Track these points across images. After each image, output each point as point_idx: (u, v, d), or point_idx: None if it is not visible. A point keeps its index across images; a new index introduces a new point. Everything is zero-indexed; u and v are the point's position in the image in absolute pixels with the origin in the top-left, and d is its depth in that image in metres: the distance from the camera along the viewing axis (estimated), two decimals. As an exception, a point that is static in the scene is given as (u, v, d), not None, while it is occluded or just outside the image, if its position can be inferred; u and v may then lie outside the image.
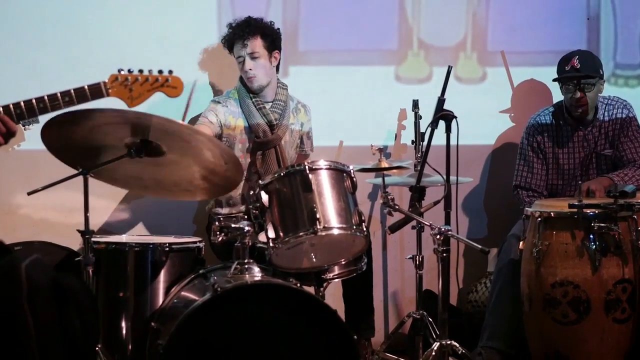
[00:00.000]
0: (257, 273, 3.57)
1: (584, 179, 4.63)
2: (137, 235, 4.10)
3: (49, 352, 2.96)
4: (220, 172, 3.59)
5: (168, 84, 3.24)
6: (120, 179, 3.57)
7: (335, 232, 3.63)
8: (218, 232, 3.66)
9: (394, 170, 4.28)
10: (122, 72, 3.19)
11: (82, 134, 3.34)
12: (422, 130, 4.49)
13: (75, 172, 3.45)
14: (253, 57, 4.39)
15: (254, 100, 4.41)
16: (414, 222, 4.03)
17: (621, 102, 4.74)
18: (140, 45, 4.60)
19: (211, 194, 3.93)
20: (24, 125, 3.78)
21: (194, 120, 4.55)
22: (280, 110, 4.47)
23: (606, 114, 4.73)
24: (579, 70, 4.55)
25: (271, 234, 3.63)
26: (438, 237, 3.83)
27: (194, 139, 3.45)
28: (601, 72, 4.63)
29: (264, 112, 4.41)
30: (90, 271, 3.42)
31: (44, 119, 3.24)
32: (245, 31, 4.40)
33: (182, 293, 3.66)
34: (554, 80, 4.68)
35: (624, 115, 4.71)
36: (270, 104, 4.47)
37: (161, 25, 4.67)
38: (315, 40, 4.84)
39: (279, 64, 4.50)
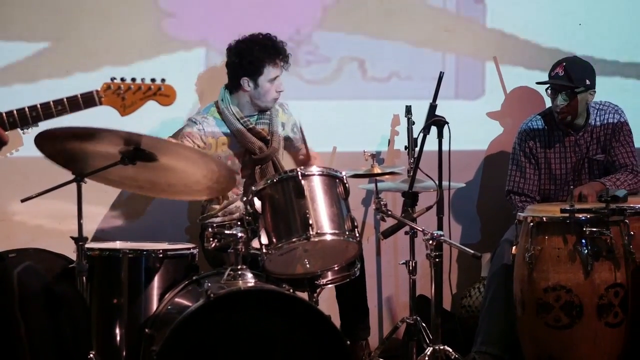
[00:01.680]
0: (250, 279, 3.58)
1: (576, 184, 4.64)
2: (131, 241, 4.09)
3: (41, 359, 2.97)
4: (214, 178, 3.60)
5: (161, 93, 3.25)
6: (114, 179, 3.57)
7: (328, 237, 3.64)
8: (211, 239, 3.67)
9: (387, 176, 4.29)
10: (115, 81, 3.19)
11: (75, 143, 3.36)
12: (415, 135, 4.52)
13: (69, 179, 3.45)
14: (279, 76, 4.41)
15: (242, 121, 4.38)
16: (406, 228, 4.04)
17: (613, 107, 4.76)
18: (135, 53, 4.61)
19: (206, 194, 3.94)
20: (22, 129, 3.78)
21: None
22: (268, 120, 4.46)
23: (598, 119, 4.74)
24: (563, 77, 4.57)
25: (264, 240, 3.63)
26: (430, 242, 3.85)
27: (185, 154, 3.49)
28: (588, 83, 4.62)
29: (255, 131, 4.39)
30: (84, 278, 3.43)
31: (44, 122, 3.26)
32: (284, 50, 4.38)
33: (176, 299, 3.67)
34: (537, 83, 4.71)
35: (615, 120, 4.73)
36: (256, 116, 4.46)
37: (156, 33, 4.67)
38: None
39: None
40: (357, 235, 3.72)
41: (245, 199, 3.72)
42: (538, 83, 4.71)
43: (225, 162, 4.37)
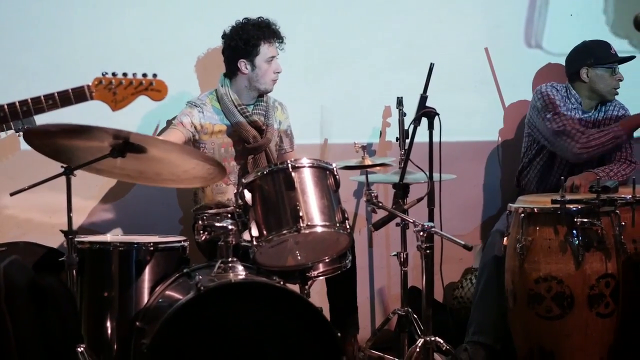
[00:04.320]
0: (240, 272, 3.58)
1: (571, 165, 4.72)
2: (122, 234, 4.09)
3: (27, 353, 2.96)
4: (203, 170, 3.61)
5: (152, 88, 3.25)
6: (102, 169, 3.57)
7: (319, 229, 3.64)
8: (202, 231, 3.66)
9: (378, 168, 4.29)
10: (106, 76, 3.20)
11: (65, 139, 3.36)
12: (407, 127, 4.51)
13: (58, 172, 3.45)
14: (276, 58, 4.43)
15: (239, 108, 4.40)
16: (398, 220, 4.04)
17: (619, 104, 4.85)
18: (127, 47, 4.59)
19: (194, 183, 3.94)
20: (16, 131, 3.77)
21: (168, 124, 4.54)
22: (264, 111, 4.47)
23: (603, 108, 4.83)
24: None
25: (255, 232, 3.64)
26: (421, 234, 3.83)
27: (174, 149, 3.48)
28: None
29: (250, 119, 4.40)
30: (74, 271, 3.43)
31: (40, 120, 3.25)
32: (279, 32, 4.42)
33: (167, 292, 3.67)
34: (609, 63, 4.73)
35: (619, 114, 4.81)
36: (252, 106, 4.47)
37: (148, 26, 4.66)
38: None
39: None
40: (348, 227, 3.72)
41: (235, 191, 3.72)
42: (609, 63, 4.74)
43: (219, 149, 4.40)
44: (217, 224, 3.62)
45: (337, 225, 3.68)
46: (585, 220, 3.90)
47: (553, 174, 4.77)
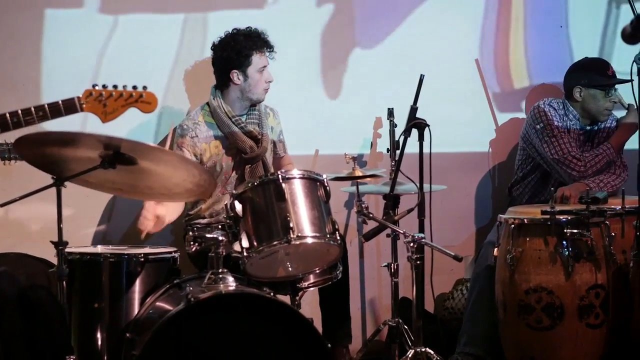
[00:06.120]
0: (231, 283, 3.58)
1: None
2: (112, 245, 4.08)
3: (15, 363, 2.97)
4: (194, 181, 3.60)
5: (142, 100, 3.25)
6: (93, 182, 3.57)
7: (309, 241, 3.64)
8: (192, 242, 3.67)
9: (369, 179, 4.30)
10: (97, 88, 3.20)
11: (55, 148, 3.35)
12: (397, 138, 4.52)
13: (49, 183, 3.44)
14: (267, 67, 4.43)
15: (233, 120, 4.40)
16: (388, 230, 4.05)
17: (613, 116, 4.85)
18: (117, 59, 4.59)
19: (186, 197, 3.94)
20: (2, 159, 3.76)
21: (162, 144, 4.54)
22: (257, 120, 4.47)
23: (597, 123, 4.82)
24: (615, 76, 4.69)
25: (245, 243, 3.63)
26: (411, 245, 3.85)
27: (165, 158, 3.48)
28: None
29: (246, 129, 4.39)
30: (65, 282, 3.42)
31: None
32: (269, 41, 4.41)
33: (157, 303, 3.66)
34: (602, 85, 4.70)
35: (612, 126, 4.82)
36: (245, 116, 4.47)
37: (139, 39, 4.66)
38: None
39: None
40: (338, 238, 3.72)
41: (226, 202, 3.72)
42: (604, 85, 4.70)
43: (220, 163, 4.39)
44: (208, 235, 3.63)
45: (328, 236, 3.68)
46: (575, 231, 3.93)
47: (547, 191, 4.76)
